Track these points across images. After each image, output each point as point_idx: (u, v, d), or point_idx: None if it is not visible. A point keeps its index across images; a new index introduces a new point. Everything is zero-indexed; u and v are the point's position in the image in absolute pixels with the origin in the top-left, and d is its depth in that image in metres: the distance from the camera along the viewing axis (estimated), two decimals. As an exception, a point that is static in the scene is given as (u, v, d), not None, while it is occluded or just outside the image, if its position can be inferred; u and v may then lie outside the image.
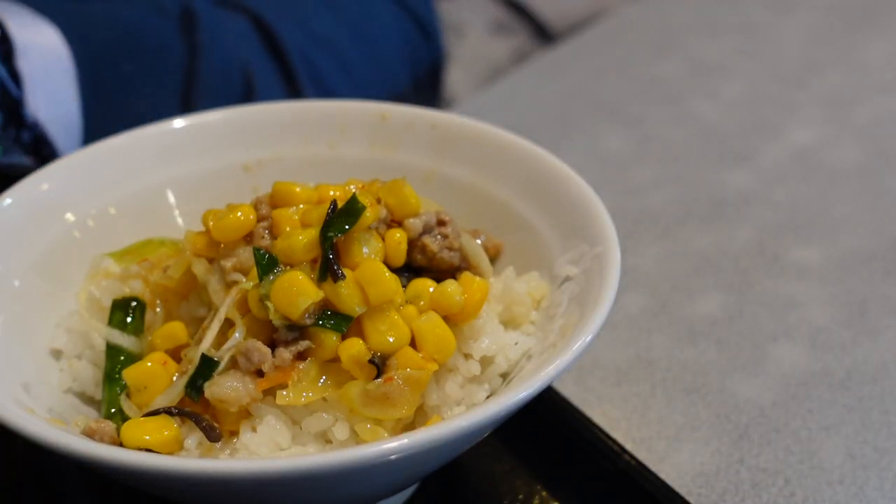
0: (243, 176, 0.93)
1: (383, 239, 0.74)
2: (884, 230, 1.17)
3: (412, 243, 0.77)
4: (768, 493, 0.85)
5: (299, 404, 0.68)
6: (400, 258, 0.75)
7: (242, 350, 0.69)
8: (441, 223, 0.79)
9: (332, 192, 0.77)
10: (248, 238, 0.76)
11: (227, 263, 0.74)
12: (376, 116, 0.92)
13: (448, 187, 0.88)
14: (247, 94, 1.22)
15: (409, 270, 0.77)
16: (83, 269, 0.82)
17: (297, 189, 0.77)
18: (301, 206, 0.76)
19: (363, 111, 0.93)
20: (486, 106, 1.50)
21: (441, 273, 0.79)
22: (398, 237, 0.75)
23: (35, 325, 0.79)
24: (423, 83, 1.51)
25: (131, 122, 0.94)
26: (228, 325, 0.72)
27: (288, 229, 0.74)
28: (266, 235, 0.75)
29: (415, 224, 0.78)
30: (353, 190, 0.76)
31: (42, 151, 1.01)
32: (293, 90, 1.28)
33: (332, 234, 0.71)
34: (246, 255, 0.74)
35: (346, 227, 0.71)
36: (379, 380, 0.68)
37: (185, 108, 1.17)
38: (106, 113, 1.08)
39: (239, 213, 0.75)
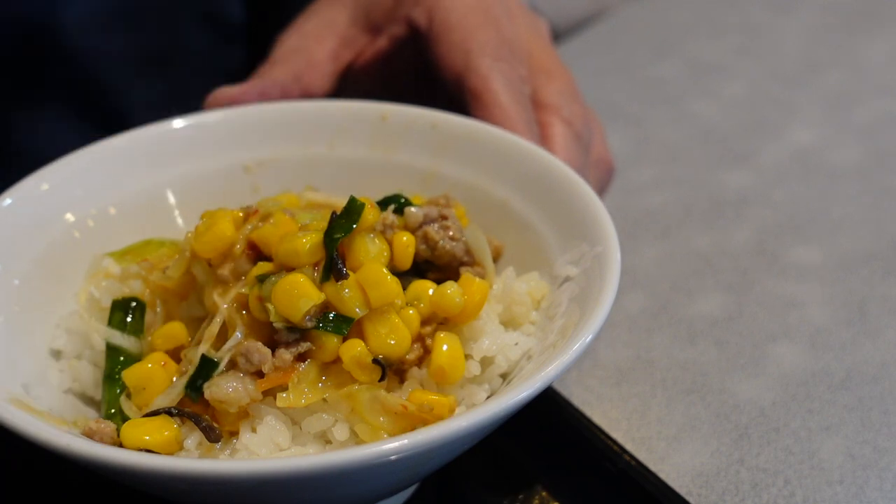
0: (243, 176, 0.93)
1: (391, 243, 0.74)
2: (884, 230, 1.17)
3: (413, 234, 0.77)
4: (768, 493, 0.85)
5: (299, 406, 0.68)
6: (407, 261, 0.75)
7: (242, 351, 0.69)
8: (443, 217, 0.79)
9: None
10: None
11: (224, 272, 0.74)
12: (376, 116, 0.92)
13: (448, 187, 0.88)
14: None
15: (413, 272, 0.77)
16: (83, 269, 0.82)
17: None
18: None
19: (363, 111, 0.93)
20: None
21: (444, 270, 0.79)
22: (405, 240, 0.75)
23: (35, 325, 0.79)
24: None
25: None
26: (228, 325, 0.72)
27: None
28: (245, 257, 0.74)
29: (416, 214, 0.78)
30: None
31: None
32: None
33: (338, 235, 0.71)
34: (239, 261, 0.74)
35: (353, 226, 0.71)
36: (400, 398, 0.68)
37: None
38: None
39: (220, 229, 0.74)
